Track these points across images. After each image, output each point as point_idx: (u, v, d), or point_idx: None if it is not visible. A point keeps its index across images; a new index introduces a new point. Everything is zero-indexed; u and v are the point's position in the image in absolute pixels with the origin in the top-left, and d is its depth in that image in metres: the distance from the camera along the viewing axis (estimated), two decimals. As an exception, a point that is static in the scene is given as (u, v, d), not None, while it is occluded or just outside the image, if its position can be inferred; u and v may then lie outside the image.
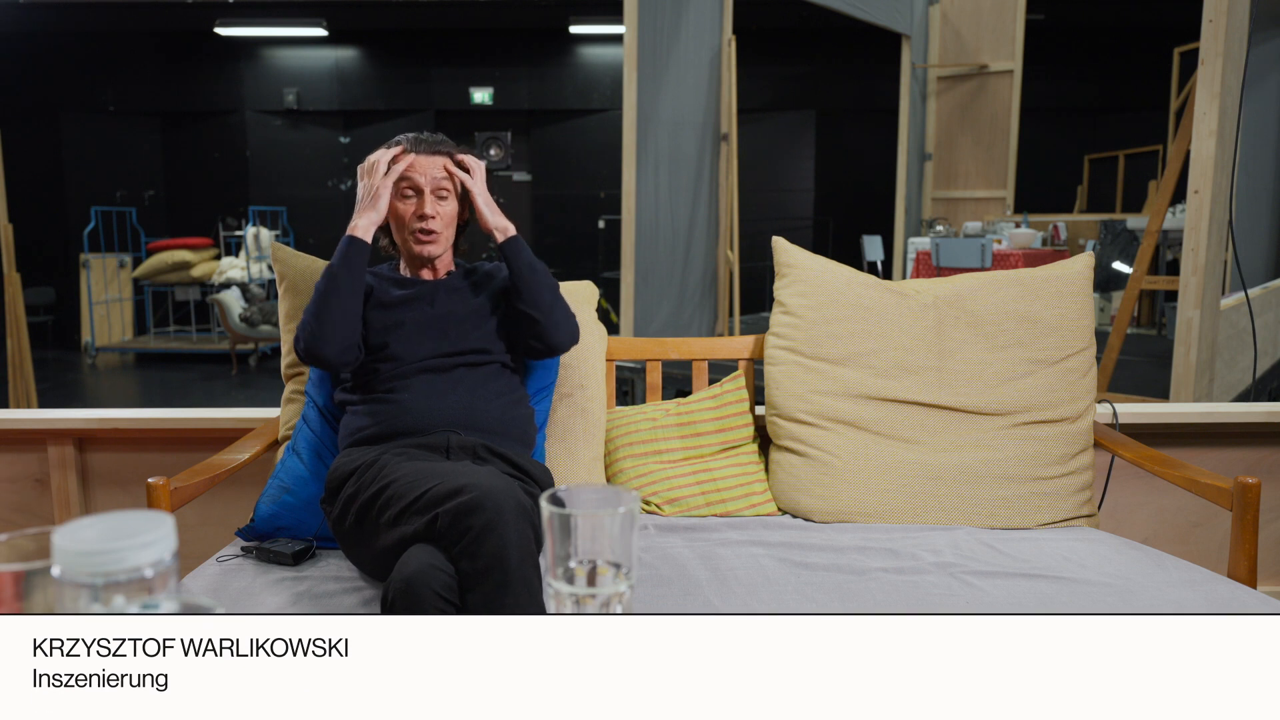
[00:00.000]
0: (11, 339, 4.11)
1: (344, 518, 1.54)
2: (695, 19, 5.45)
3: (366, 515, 1.48)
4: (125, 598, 0.58)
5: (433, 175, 1.82)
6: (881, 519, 1.86)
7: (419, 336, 1.77)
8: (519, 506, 1.33)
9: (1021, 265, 4.92)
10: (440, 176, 1.82)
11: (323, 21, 9.81)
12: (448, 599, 1.27)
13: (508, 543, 1.28)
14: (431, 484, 1.38)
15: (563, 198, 10.85)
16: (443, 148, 1.85)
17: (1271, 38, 4.32)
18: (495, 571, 1.27)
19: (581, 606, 0.77)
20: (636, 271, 5.09)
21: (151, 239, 9.17)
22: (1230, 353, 3.43)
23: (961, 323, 1.97)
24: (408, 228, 1.83)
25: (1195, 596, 1.48)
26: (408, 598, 1.26)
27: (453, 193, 1.85)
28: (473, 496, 1.31)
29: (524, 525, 1.32)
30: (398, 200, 1.83)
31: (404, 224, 1.83)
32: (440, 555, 1.31)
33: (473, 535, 1.28)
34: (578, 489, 0.80)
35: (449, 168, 1.83)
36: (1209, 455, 2.28)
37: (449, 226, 1.86)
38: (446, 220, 1.85)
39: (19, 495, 2.33)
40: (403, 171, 1.81)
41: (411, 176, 1.82)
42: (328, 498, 1.62)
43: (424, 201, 1.82)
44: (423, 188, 1.82)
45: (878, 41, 8.01)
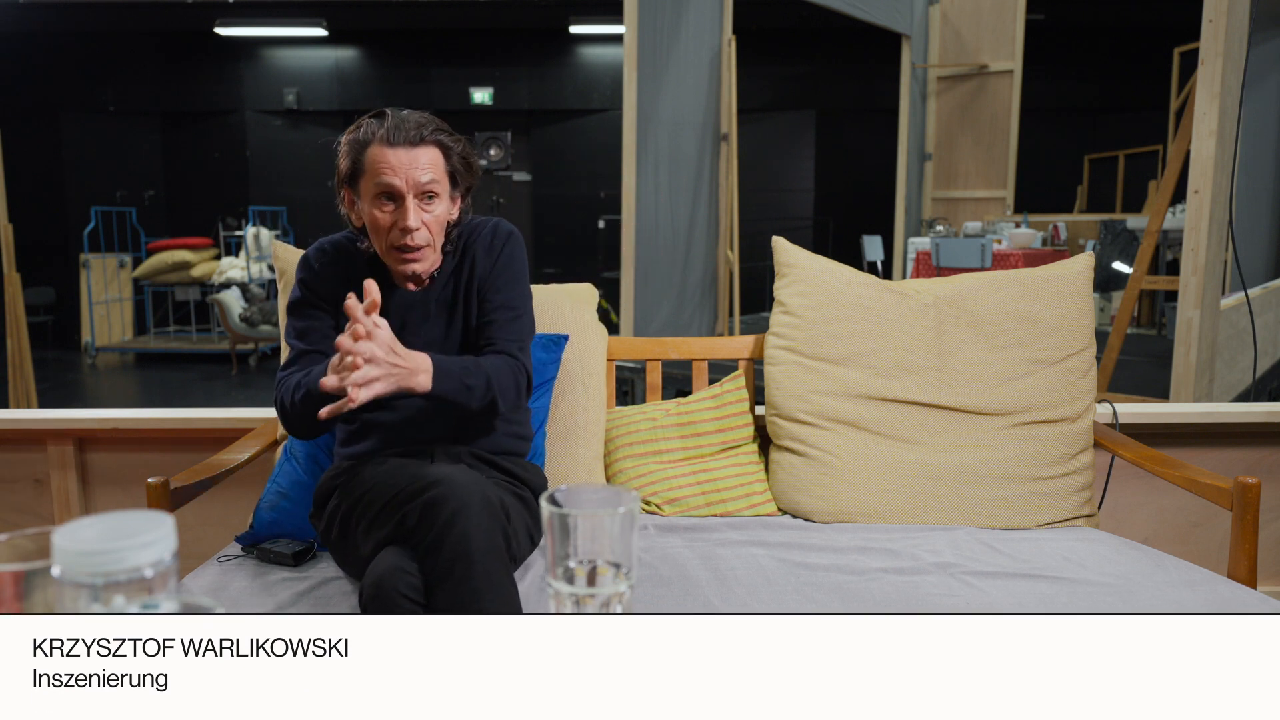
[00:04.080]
0: (11, 339, 4.11)
1: (329, 530, 1.53)
2: (695, 19, 5.45)
3: (347, 526, 1.48)
4: (125, 598, 0.58)
5: (414, 175, 1.48)
6: (881, 519, 1.86)
7: None
8: (485, 501, 1.30)
9: (1021, 265, 4.92)
10: (425, 174, 1.49)
11: (323, 21, 9.81)
12: (413, 599, 1.25)
13: (471, 538, 1.25)
14: (401, 485, 1.35)
15: (563, 198, 10.85)
16: (428, 133, 1.50)
17: (1271, 38, 4.32)
18: (458, 566, 1.24)
19: (581, 606, 0.77)
20: (636, 271, 5.09)
21: (151, 239, 9.17)
22: (1230, 353, 3.43)
23: (961, 323, 1.97)
24: (385, 240, 1.52)
25: (1195, 597, 1.48)
26: (377, 602, 1.25)
27: (443, 192, 1.54)
28: (437, 491, 1.29)
29: (491, 521, 1.29)
30: (371, 205, 1.51)
31: (380, 233, 1.52)
32: (406, 557, 1.29)
33: (437, 530, 1.26)
34: (578, 489, 0.80)
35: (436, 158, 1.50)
36: (1209, 455, 2.28)
37: (440, 233, 1.56)
38: (437, 226, 1.54)
39: (19, 495, 2.33)
40: (377, 170, 1.48)
41: (386, 179, 1.48)
42: (315, 512, 1.61)
43: (405, 210, 1.49)
44: (402, 192, 1.48)
45: (878, 41, 8.01)
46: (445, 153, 1.53)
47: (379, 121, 1.51)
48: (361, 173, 1.52)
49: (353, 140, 1.52)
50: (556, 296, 1.99)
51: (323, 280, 1.60)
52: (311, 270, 1.62)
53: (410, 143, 1.48)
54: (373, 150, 1.49)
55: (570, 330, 1.97)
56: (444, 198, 1.54)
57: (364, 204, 1.53)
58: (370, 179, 1.50)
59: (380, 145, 1.48)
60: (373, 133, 1.50)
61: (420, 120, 1.51)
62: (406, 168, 1.47)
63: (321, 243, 1.65)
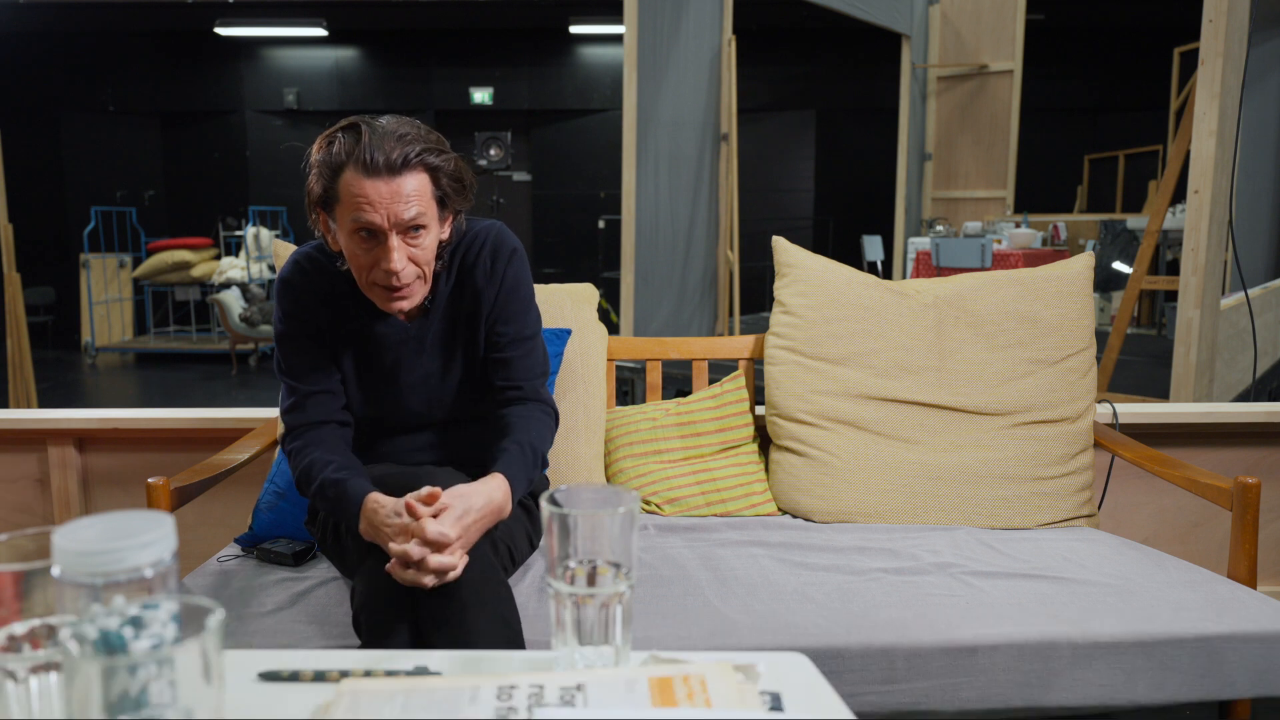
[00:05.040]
0: (11, 339, 4.11)
1: (325, 538, 1.54)
2: (695, 19, 5.45)
3: (339, 533, 1.48)
4: (125, 598, 0.58)
5: (396, 210, 1.29)
6: (881, 519, 1.86)
7: (391, 406, 1.52)
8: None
9: (1021, 265, 4.92)
10: (410, 209, 1.29)
11: (323, 21, 9.81)
12: (399, 609, 1.24)
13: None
14: (391, 492, 1.34)
15: (563, 198, 10.85)
16: (413, 155, 1.29)
17: (1271, 38, 4.32)
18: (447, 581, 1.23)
19: (581, 606, 0.77)
20: (636, 271, 5.09)
21: (151, 239, 9.17)
22: (1230, 353, 3.43)
23: (961, 323, 1.97)
24: (367, 278, 1.36)
25: (1195, 597, 1.48)
26: (365, 613, 1.25)
27: (431, 221, 1.34)
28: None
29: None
30: (348, 239, 1.33)
31: (360, 270, 1.36)
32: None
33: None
34: (577, 489, 0.80)
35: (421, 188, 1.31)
36: (1209, 455, 2.28)
37: (430, 262, 1.39)
38: (426, 258, 1.37)
39: (19, 495, 2.33)
40: (353, 204, 1.29)
41: (365, 216, 1.29)
42: (310, 519, 1.61)
43: (388, 250, 1.31)
44: (383, 228, 1.30)
45: (878, 41, 8.01)
46: (433, 176, 1.34)
47: (353, 139, 1.30)
48: (336, 200, 1.33)
49: (323, 162, 1.33)
50: (557, 296, 1.99)
51: (305, 307, 1.47)
52: (293, 295, 1.47)
53: (391, 170, 1.28)
54: (347, 178, 1.30)
55: (571, 329, 1.97)
56: (433, 227, 1.36)
57: (340, 233, 1.35)
58: (346, 211, 1.31)
59: (356, 172, 1.28)
60: (346, 154, 1.29)
61: (401, 136, 1.29)
62: (387, 202, 1.28)
63: (296, 257, 1.49)
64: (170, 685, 0.54)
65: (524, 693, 0.74)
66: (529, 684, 0.75)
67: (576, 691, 0.73)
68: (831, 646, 1.36)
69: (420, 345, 1.50)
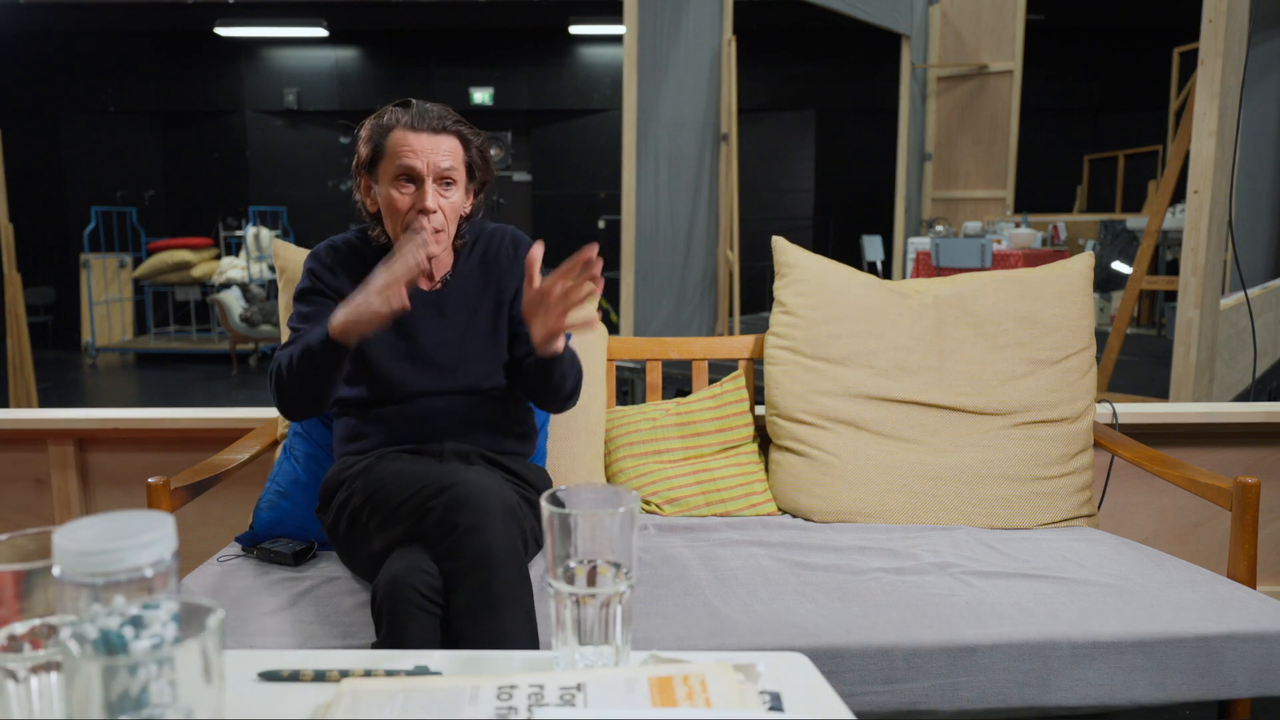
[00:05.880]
0: (11, 339, 4.11)
1: (337, 525, 1.54)
2: (695, 19, 5.45)
3: (357, 520, 1.48)
4: (125, 598, 0.58)
5: (435, 160, 1.54)
6: (881, 519, 1.86)
7: (409, 369, 1.60)
8: (506, 506, 1.31)
9: (1021, 265, 4.92)
10: (445, 160, 1.54)
11: (323, 21, 9.81)
12: (431, 599, 1.26)
13: (492, 543, 1.26)
14: (420, 484, 1.36)
15: (563, 198, 10.85)
16: (450, 123, 1.57)
17: (1271, 38, 4.32)
18: (478, 572, 1.25)
19: (581, 606, 0.77)
20: (636, 271, 5.09)
21: (152, 239, 9.17)
22: (1230, 353, 3.43)
23: (961, 323, 1.97)
24: (402, 221, 1.56)
25: (1195, 596, 1.48)
26: (392, 600, 1.25)
27: (460, 180, 1.59)
28: (460, 493, 1.30)
29: (510, 525, 1.30)
30: (390, 187, 1.56)
31: (397, 216, 1.57)
32: (425, 556, 1.30)
33: (459, 533, 1.27)
34: (577, 489, 0.80)
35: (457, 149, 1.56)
36: (1209, 455, 2.28)
37: (454, 222, 1.60)
38: (451, 213, 1.58)
39: (19, 495, 2.33)
40: (398, 153, 1.53)
41: (408, 161, 1.53)
42: (322, 506, 1.61)
43: (424, 192, 1.54)
44: (422, 174, 1.54)
45: (878, 41, 8.01)
46: (465, 144, 1.59)
47: (403, 109, 1.57)
48: (382, 156, 1.56)
49: (376, 125, 1.58)
50: (556, 296, 1.99)
51: (333, 272, 1.64)
52: (322, 262, 1.65)
53: (433, 129, 1.54)
54: (395, 134, 1.55)
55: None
56: (460, 187, 1.59)
57: (382, 187, 1.57)
58: (391, 161, 1.55)
59: (403, 130, 1.54)
60: (396, 119, 1.56)
61: (442, 111, 1.58)
62: (428, 152, 1.53)
63: (333, 240, 1.69)
64: (170, 685, 0.54)
65: (524, 692, 0.74)
66: (529, 684, 0.75)
67: (576, 691, 0.73)
68: (831, 646, 1.36)
69: (440, 310, 1.63)
